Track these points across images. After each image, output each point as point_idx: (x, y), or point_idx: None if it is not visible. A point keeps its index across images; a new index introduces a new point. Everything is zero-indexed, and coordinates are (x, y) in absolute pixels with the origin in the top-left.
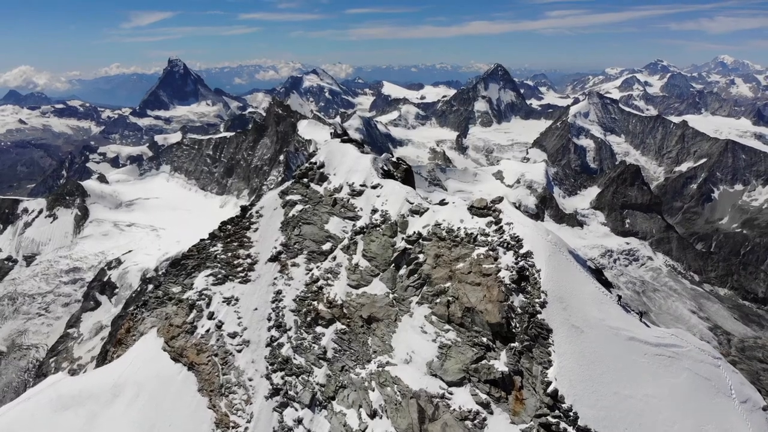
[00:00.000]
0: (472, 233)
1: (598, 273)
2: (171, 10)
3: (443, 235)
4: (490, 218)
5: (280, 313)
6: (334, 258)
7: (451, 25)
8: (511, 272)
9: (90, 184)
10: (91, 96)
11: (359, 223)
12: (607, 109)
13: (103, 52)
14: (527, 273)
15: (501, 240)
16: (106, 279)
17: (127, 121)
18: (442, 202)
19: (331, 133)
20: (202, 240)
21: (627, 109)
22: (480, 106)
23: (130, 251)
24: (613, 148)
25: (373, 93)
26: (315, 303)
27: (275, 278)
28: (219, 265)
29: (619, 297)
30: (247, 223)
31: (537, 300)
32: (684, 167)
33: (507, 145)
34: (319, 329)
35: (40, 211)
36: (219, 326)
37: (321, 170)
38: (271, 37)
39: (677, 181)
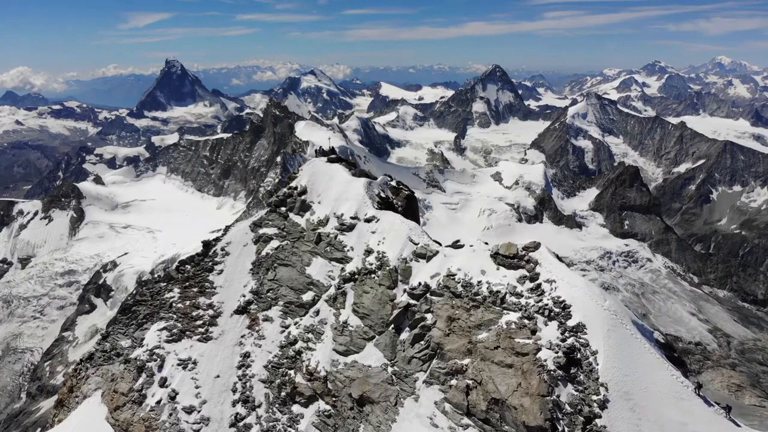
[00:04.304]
0: (498, 291)
1: (668, 349)
2: (168, 11)
3: (458, 290)
4: (522, 271)
5: (248, 384)
6: (317, 312)
7: (448, 26)
8: (556, 352)
9: (86, 186)
10: (89, 97)
11: (349, 267)
12: (605, 110)
13: (101, 53)
14: (579, 355)
15: (540, 305)
16: (101, 282)
17: (124, 122)
18: (456, 245)
19: (315, 151)
20: (157, 282)
21: (625, 110)
22: (478, 107)
23: (125, 253)
24: (611, 149)
25: (371, 94)
26: (292, 373)
27: (242, 336)
28: (175, 316)
29: (699, 385)
30: (210, 263)
31: (594, 397)
32: (682, 168)
33: (505, 146)
34: (296, 408)
35: (36, 213)
36: (172, 397)
37: (303, 197)
38: (268, 38)
39: (675, 182)
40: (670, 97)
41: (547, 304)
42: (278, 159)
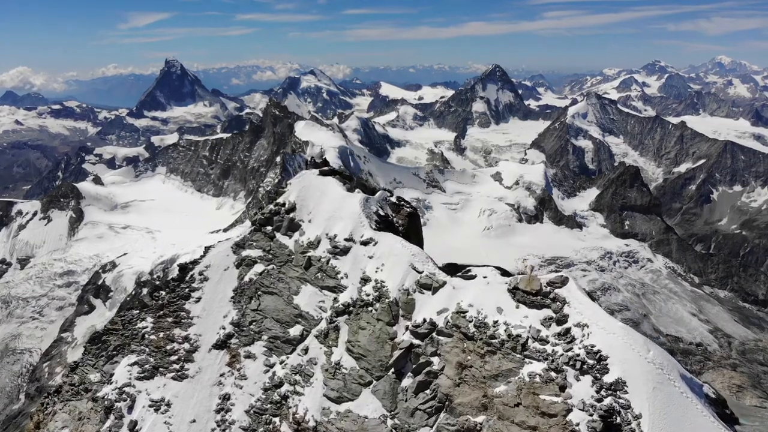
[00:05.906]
0: (518, 336)
1: (719, 404)
2: (168, 11)
3: (470, 330)
4: (547, 311)
5: (227, 431)
6: (306, 350)
7: (448, 25)
8: (591, 415)
9: (85, 186)
10: (88, 97)
11: (343, 298)
12: (605, 110)
13: (100, 52)
14: (618, 419)
15: (570, 354)
16: (100, 282)
17: (123, 122)
18: (467, 274)
19: (307, 162)
20: (128, 310)
21: (625, 109)
22: (478, 106)
23: (125, 254)
24: (611, 149)
25: (371, 94)
26: (276, 421)
27: (222, 375)
28: (147, 349)
29: None
30: (187, 290)
31: None
32: (683, 168)
33: (505, 146)
34: None
35: (35, 214)
36: None
37: (291, 215)
38: (268, 38)
39: (676, 182)
40: (670, 96)
41: (578, 354)
42: (278, 159)
